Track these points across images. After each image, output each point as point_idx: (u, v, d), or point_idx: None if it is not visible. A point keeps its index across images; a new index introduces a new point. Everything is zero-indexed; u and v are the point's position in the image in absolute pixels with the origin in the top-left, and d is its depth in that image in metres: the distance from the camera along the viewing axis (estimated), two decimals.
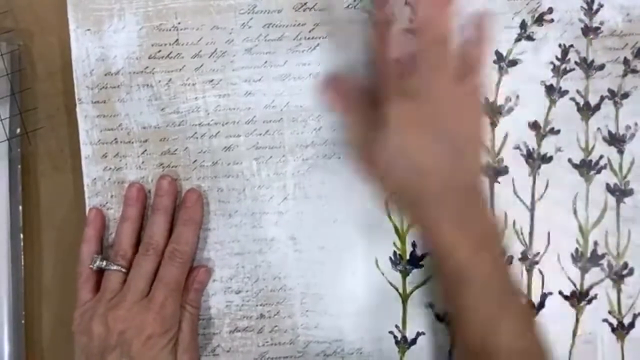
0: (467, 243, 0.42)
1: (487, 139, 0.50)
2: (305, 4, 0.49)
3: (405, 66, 0.42)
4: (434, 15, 0.42)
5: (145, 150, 0.49)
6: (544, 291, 0.50)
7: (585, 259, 0.50)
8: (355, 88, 0.46)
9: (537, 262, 0.50)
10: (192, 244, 0.48)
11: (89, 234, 0.48)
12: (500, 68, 0.50)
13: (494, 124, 0.50)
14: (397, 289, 0.50)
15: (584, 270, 0.50)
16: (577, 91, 0.50)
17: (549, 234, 0.50)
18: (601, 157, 0.50)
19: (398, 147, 0.42)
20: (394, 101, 0.42)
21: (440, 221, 0.42)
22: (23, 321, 0.50)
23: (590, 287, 0.50)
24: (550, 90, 0.50)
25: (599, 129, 0.50)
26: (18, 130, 0.50)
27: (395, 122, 0.42)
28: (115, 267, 0.46)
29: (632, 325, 0.50)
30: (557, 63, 0.50)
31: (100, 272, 0.47)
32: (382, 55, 0.44)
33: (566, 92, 0.50)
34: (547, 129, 0.50)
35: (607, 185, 0.50)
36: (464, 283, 0.42)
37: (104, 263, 0.47)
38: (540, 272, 0.50)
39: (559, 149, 0.50)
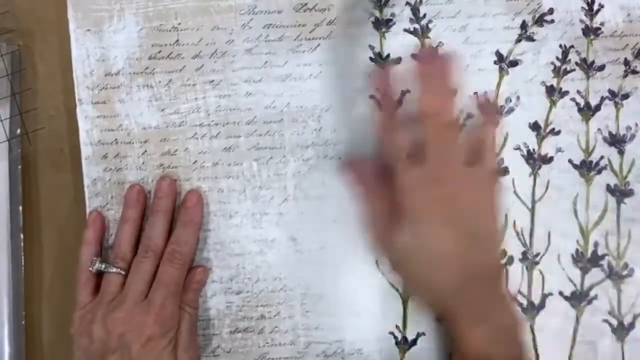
0: (484, 335, 0.41)
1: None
2: (305, 4, 0.49)
3: (415, 154, 0.42)
4: (439, 102, 0.42)
5: (146, 150, 0.49)
6: (544, 292, 0.50)
7: (586, 260, 0.50)
8: (374, 170, 0.45)
9: (537, 263, 0.50)
10: (191, 245, 0.48)
11: (88, 236, 0.48)
12: (501, 69, 0.50)
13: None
14: (397, 290, 0.50)
15: (584, 271, 0.50)
16: (578, 92, 0.50)
17: (549, 234, 0.50)
18: (601, 157, 0.50)
19: (413, 235, 0.42)
20: (407, 190, 0.42)
21: (457, 313, 0.42)
22: (23, 321, 0.50)
23: (591, 287, 0.50)
24: (550, 90, 0.50)
25: (599, 129, 0.50)
26: (18, 131, 0.50)
27: (409, 213, 0.41)
28: (114, 270, 0.46)
29: (632, 325, 0.50)
30: (558, 64, 0.50)
31: (100, 275, 0.47)
32: (389, 144, 0.43)
33: (566, 92, 0.50)
34: (548, 129, 0.50)
35: (608, 186, 0.50)
36: None
37: (103, 266, 0.47)
38: (541, 273, 0.50)
39: (559, 150, 0.50)
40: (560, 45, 0.50)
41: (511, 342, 0.42)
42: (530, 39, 0.50)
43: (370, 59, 0.49)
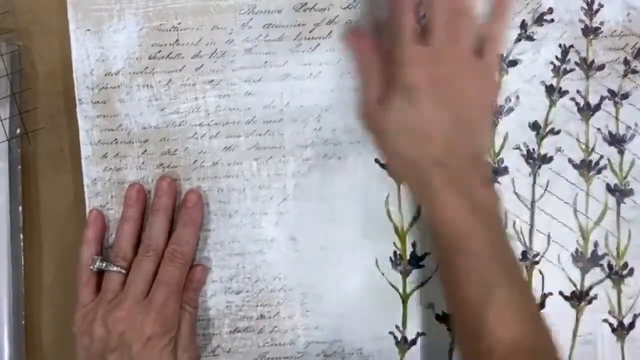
0: (464, 210, 0.41)
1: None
2: (305, 4, 0.49)
3: (421, 32, 0.42)
4: None
5: (146, 150, 0.49)
6: (544, 291, 0.50)
7: (586, 259, 0.50)
8: (375, 46, 0.46)
9: (537, 262, 0.50)
10: (192, 245, 0.48)
11: (89, 235, 0.48)
12: (501, 68, 0.50)
13: (494, 124, 0.50)
14: (397, 289, 0.50)
15: (584, 271, 0.50)
16: (578, 91, 0.50)
17: (549, 234, 0.50)
18: (601, 157, 0.50)
19: (405, 109, 0.42)
20: (406, 65, 0.42)
21: (438, 186, 0.42)
22: (23, 321, 0.50)
23: (591, 287, 0.50)
24: (550, 90, 0.50)
25: (599, 129, 0.50)
26: (18, 131, 0.50)
27: (404, 85, 0.42)
28: (115, 269, 0.46)
29: (632, 325, 0.50)
30: (557, 63, 0.50)
31: (100, 274, 0.47)
32: (398, 17, 0.44)
33: (566, 92, 0.50)
34: (547, 129, 0.50)
35: (608, 185, 0.50)
36: (457, 252, 0.42)
37: (104, 264, 0.47)
38: (541, 273, 0.50)
39: (559, 149, 0.50)
40: (560, 45, 0.50)
41: (489, 219, 0.43)
42: (530, 38, 0.50)
43: None
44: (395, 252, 0.49)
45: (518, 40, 0.50)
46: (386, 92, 0.43)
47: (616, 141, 0.50)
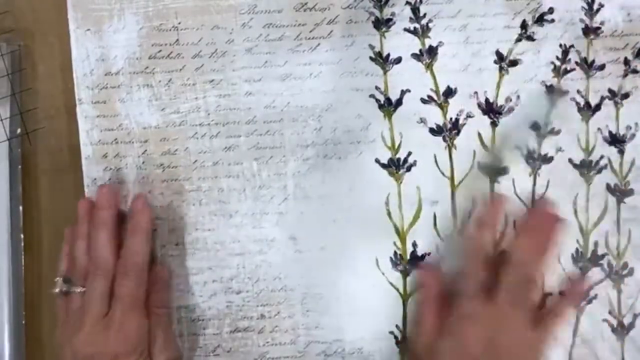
0: None
1: None
2: (305, 4, 0.49)
3: (485, 288, 0.43)
4: (531, 256, 0.43)
5: (146, 150, 0.49)
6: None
7: (586, 259, 0.50)
8: (442, 282, 0.46)
9: None
10: (142, 254, 0.46)
11: (64, 250, 0.47)
12: (501, 68, 0.50)
13: (494, 124, 0.50)
14: (397, 289, 0.50)
15: (584, 270, 0.50)
16: (578, 91, 0.50)
17: None
18: (601, 157, 0.50)
19: (451, 356, 0.42)
20: (465, 318, 0.42)
21: None
22: (23, 321, 0.50)
23: (591, 287, 0.50)
24: (550, 90, 0.50)
25: (599, 129, 0.50)
26: (18, 130, 0.50)
27: (457, 337, 0.42)
28: (77, 290, 0.45)
29: (632, 325, 0.50)
30: (558, 63, 0.50)
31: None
32: (469, 266, 0.44)
33: (567, 92, 0.50)
34: (548, 129, 0.50)
35: (608, 185, 0.50)
36: None
37: (65, 287, 0.46)
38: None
39: (559, 149, 0.50)
40: (560, 45, 0.50)
41: None
42: (531, 38, 0.50)
43: (370, 58, 0.49)
44: (395, 252, 0.49)
45: (518, 40, 0.50)
46: (439, 335, 0.43)
47: (616, 141, 0.50)
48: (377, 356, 0.49)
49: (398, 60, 0.49)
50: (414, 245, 0.50)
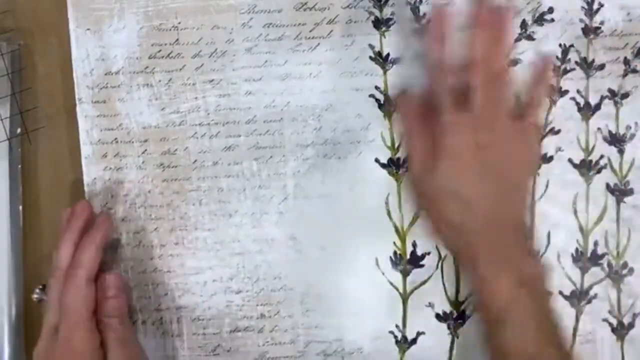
0: (507, 281, 0.41)
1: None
2: (305, 3, 0.49)
3: (461, 100, 0.43)
4: (490, 50, 0.43)
5: (146, 150, 0.49)
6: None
7: (585, 259, 0.50)
8: (421, 108, 0.46)
9: None
10: (88, 268, 0.44)
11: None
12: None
13: None
14: (397, 289, 0.50)
15: (584, 270, 0.50)
16: (578, 91, 0.50)
17: (549, 233, 0.50)
18: (601, 157, 0.50)
19: (448, 176, 0.42)
20: (449, 133, 0.42)
21: (480, 256, 0.42)
22: (23, 321, 0.50)
23: (590, 286, 0.50)
24: (550, 90, 0.50)
25: (599, 128, 0.50)
26: (18, 130, 0.50)
27: (446, 152, 0.42)
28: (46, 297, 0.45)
29: (632, 325, 0.50)
30: (558, 63, 0.50)
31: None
32: (437, 87, 0.44)
33: (566, 92, 0.50)
34: (547, 128, 0.50)
35: (607, 185, 0.50)
36: (502, 324, 0.41)
37: (37, 294, 0.46)
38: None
39: (559, 149, 0.50)
40: (560, 45, 0.50)
41: (536, 292, 0.42)
42: (530, 38, 0.50)
43: (370, 58, 0.49)
44: (395, 252, 0.49)
45: (518, 40, 0.50)
46: (431, 158, 0.43)
47: (616, 141, 0.50)
48: (376, 355, 0.49)
49: (398, 60, 0.49)
50: (414, 245, 0.50)
